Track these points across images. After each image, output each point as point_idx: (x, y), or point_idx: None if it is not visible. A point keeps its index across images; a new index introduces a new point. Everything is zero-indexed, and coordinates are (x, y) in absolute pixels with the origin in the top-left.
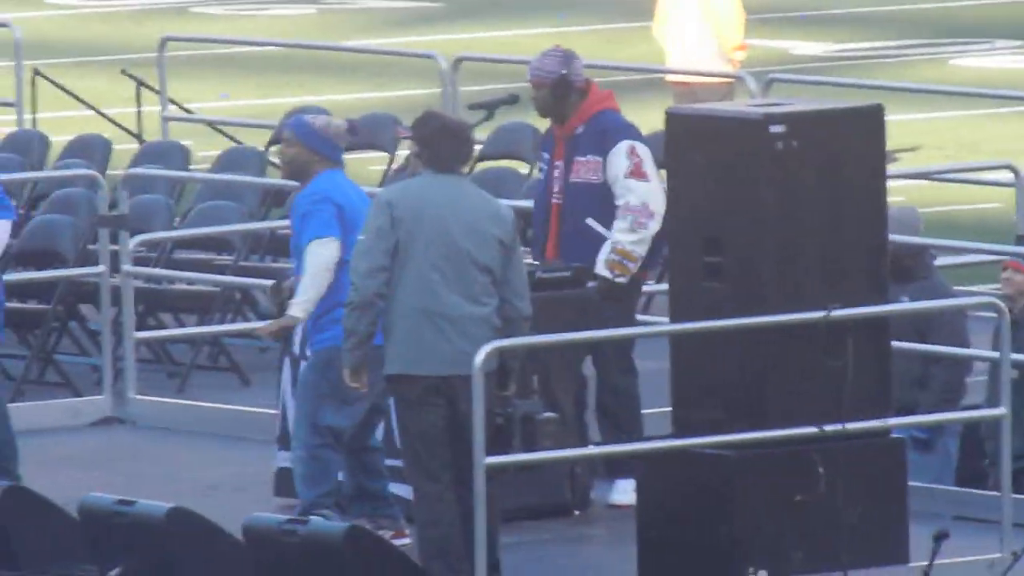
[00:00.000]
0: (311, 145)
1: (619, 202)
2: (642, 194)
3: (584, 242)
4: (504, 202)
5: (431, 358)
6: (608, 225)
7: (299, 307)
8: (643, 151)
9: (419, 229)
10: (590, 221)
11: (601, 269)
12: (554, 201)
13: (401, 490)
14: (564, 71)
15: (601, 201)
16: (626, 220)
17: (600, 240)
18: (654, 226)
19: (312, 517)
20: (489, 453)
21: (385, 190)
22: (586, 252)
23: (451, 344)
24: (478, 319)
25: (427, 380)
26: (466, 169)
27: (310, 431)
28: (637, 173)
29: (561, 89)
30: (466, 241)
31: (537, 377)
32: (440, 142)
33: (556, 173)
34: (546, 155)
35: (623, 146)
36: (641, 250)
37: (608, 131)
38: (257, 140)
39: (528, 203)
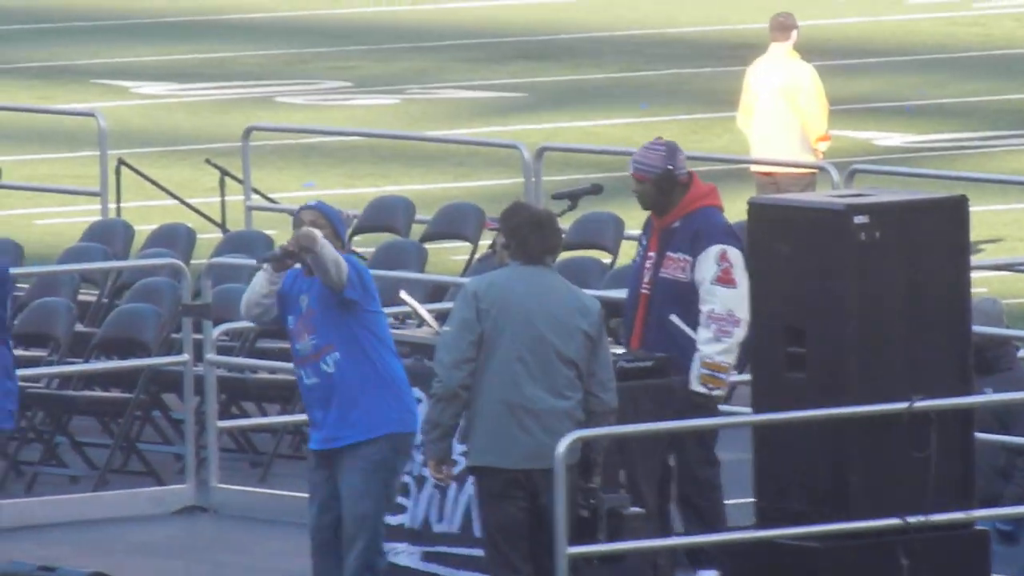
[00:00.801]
0: (338, 228)
1: (703, 308)
2: (727, 301)
3: (666, 336)
4: (588, 292)
5: (513, 451)
6: (692, 324)
7: (323, 242)
8: (734, 256)
9: (505, 321)
10: (673, 318)
11: (695, 386)
12: (643, 291)
13: None
14: (669, 166)
15: (687, 299)
16: (709, 329)
17: (682, 337)
18: (740, 333)
19: None
20: (572, 545)
21: (471, 281)
22: (667, 346)
23: (533, 437)
24: (561, 412)
25: (509, 473)
26: (553, 260)
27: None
28: (725, 279)
29: (666, 184)
30: (551, 334)
31: (624, 472)
32: (527, 234)
33: (648, 264)
34: (644, 242)
35: (714, 250)
36: (729, 359)
37: (702, 232)
38: None
39: (611, 293)
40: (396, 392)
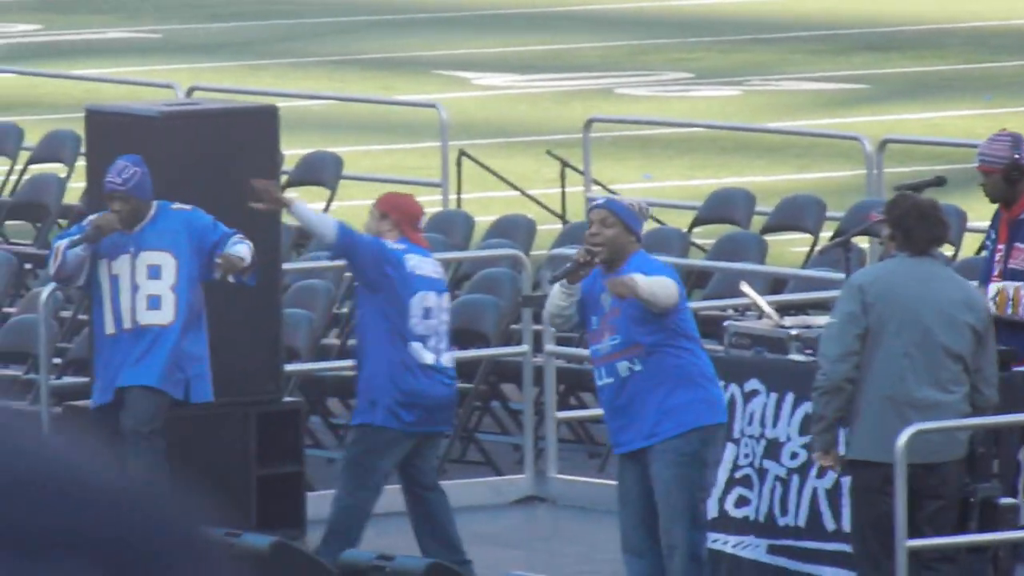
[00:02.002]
0: (630, 225)
1: None
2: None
3: (1013, 330)
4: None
5: (895, 446)
6: None
7: (644, 281)
8: None
9: (890, 314)
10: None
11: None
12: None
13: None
14: (1016, 156)
15: None
16: None
17: None
18: None
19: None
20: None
21: (857, 274)
22: (1014, 339)
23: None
24: (946, 407)
25: (889, 468)
26: (939, 249)
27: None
28: None
29: (1013, 174)
30: (938, 328)
31: (998, 461)
32: (912, 224)
33: (997, 256)
34: (992, 235)
35: None
36: None
37: None
38: (680, 221)
39: None
40: (703, 384)
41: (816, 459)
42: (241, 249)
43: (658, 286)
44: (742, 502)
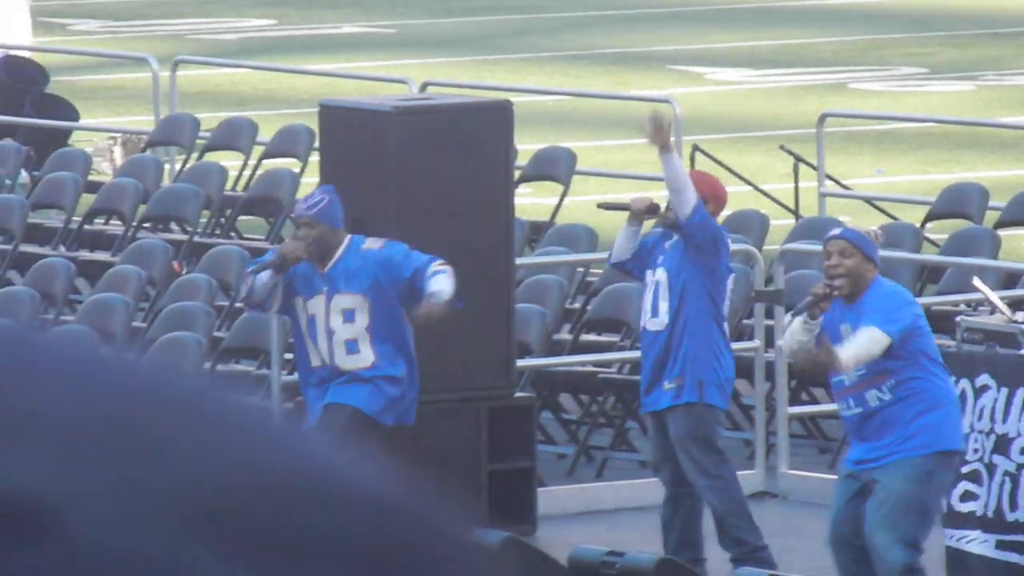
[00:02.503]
0: (869, 253)
1: None
2: None
3: None
4: None
5: None
6: None
7: (848, 355)
8: None
9: None
10: None
11: None
12: None
13: None
14: None
15: None
16: None
17: None
18: None
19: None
20: None
21: None
22: None
23: None
24: None
25: None
26: None
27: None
28: None
29: None
30: None
31: None
32: None
33: None
34: None
35: None
36: None
37: None
38: (913, 216)
39: None
40: (945, 410)
41: None
42: (440, 282)
43: (863, 350)
44: (968, 497)
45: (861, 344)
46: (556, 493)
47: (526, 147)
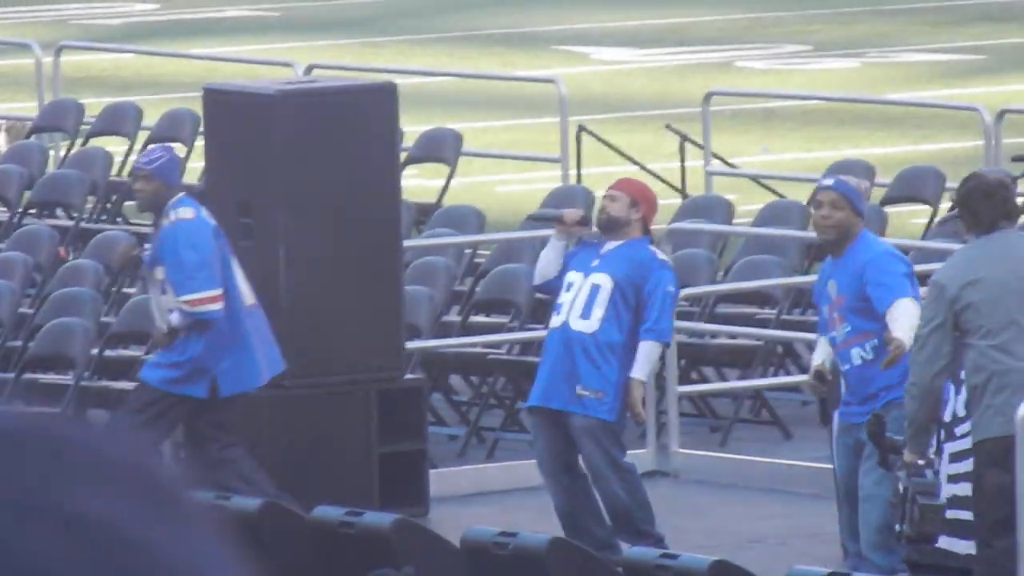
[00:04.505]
0: (858, 206)
1: None
2: None
3: None
4: None
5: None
6: None
7: (903, 334)
8: None
9: (979, 301)
10: None
11: None
12: None
13: None
14: None
15: None
16: None
17: None
18: None
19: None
20: None
21: (937, 272)
22: None
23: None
24: None
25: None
26: (1011, 225)
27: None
28: None
29: None
30: None
31: None
32: (977, 203)
33: None
34: None
35: None
36: None
37: None
38: (800, 194)
39: None
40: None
41: (908, 460)
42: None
43: (910, 325)
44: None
45: (904, 320)
46: (447, 475)
47: (412, 129)
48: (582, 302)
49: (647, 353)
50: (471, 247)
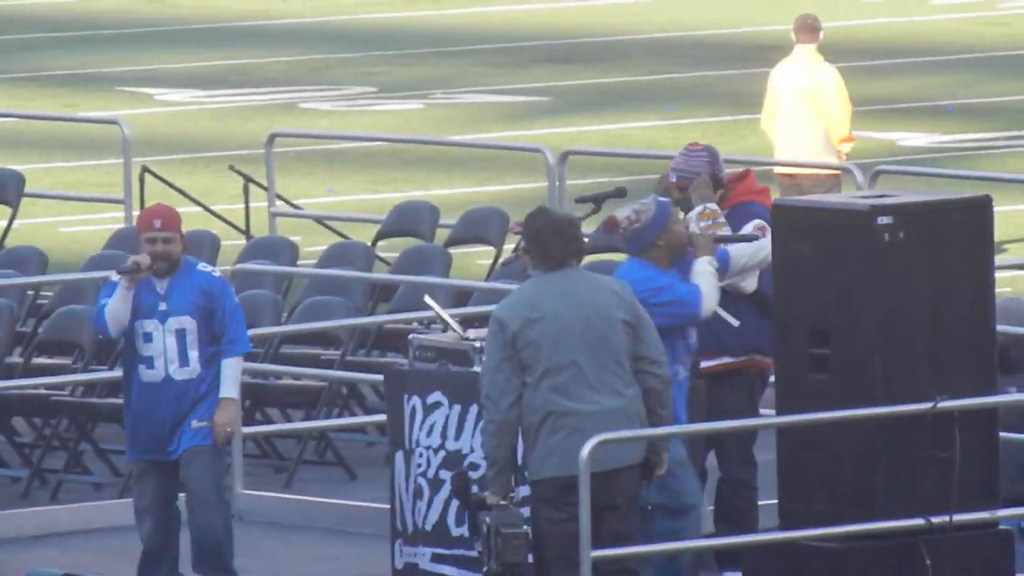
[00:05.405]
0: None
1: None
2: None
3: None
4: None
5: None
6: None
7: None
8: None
9: (541, 336)
10: (718, 309)
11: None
12: None
13: None
14: (714, 169)
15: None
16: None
17: (726, 327)
18: (750, 250)
19: None
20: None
21: (498, 307)
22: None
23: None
24: (618, 412)
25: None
26: (578, 263)
27: None
28: (761, 228)
29: (714, 189)
30: (592, 336)
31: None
32: (547, 239)
33: None
34: None
35: (757, 221)
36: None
37: (752, 215)
38: (364, 235)
39: None
40: None
41: (491, 503)
42: None
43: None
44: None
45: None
46: (10, 517)
47: None
48: (175, 352)
49: (233, 368)
50: (33, 288)
